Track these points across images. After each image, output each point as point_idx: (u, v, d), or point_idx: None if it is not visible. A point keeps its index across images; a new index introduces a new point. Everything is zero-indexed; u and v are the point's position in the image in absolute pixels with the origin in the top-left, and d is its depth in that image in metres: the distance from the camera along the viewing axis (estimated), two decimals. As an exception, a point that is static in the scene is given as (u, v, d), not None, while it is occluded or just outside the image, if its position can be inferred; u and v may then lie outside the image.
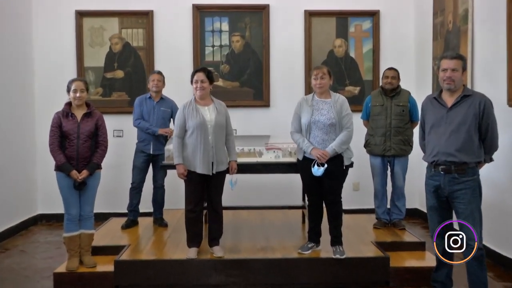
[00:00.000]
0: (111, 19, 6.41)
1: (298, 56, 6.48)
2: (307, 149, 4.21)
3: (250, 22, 6.48)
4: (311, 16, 6.46)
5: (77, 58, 6.37)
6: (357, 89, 6.52)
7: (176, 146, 4.28)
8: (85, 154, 4.22)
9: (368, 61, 6.52)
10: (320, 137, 4.20)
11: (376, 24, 6.48)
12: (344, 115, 4.21)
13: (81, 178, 4.17)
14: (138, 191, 5.38)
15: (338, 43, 6.51)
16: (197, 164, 4.22)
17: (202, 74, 4.29)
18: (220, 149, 4.31)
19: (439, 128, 3.52)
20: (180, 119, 4.30)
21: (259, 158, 4.79)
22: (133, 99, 5.85)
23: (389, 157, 5.12)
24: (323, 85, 4.24)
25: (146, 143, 5.31)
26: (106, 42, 6.42)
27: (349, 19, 6.51)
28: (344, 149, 4.19)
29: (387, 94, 5.14)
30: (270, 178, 5.90)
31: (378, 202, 5.27)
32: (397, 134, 5.06)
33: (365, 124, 5.40)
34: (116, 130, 6.34)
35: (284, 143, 4.90)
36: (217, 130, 4.28)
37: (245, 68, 6.49)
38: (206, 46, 6.47)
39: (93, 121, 4.28)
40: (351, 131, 4.22)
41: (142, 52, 6.46)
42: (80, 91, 4.19)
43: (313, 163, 4.18)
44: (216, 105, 4.37)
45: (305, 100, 4.36)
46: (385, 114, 5.08)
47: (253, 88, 6.49)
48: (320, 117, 4.19)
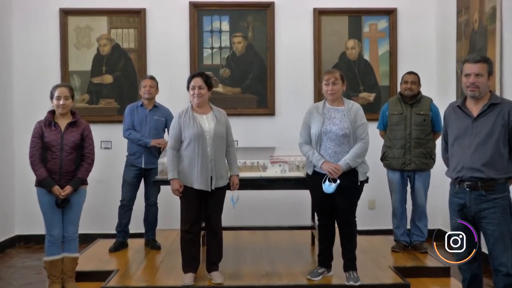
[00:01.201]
0: (99, 18, 6.44)
1: (307, 59, 6.49)
2: (318, 162, 4.20)
3: (253, 21, 6.51)
4: (320, 14, 6.48)
5: (61, 62, 6.39)
6: (372, 95, 6.53)
7: (170, 159, 4.28)
8: (69, 168, 4.22)
9: (385, 65, 6.53)
10: (332, 149, 4.20)
11: (393, 24, 6.49)
12: (358, 125, 4.21)
13: (64, 195, 4.16)
14: (128, 210, 5.38)
15: (351, 45, 6.53)
16: (194, 179, 4.22)
17: (199, 80, 4.30)
18: (219, 163, 4.31)
19: (463, 140, 3.51)
20: (175, 129, 4.31)
21: (263, 172, 4.78)
22: (123, 107, 5.86)
23: (409, 171, 5.12)
24: (335, 92, 4.25)
25: (137, 156, 5.32)
26: (94, 44, 6.44)
27: (363, 18, 6.53)
28: (358, 162, 4.19)
29: (407, 102, 5.14)
30: (275, 195, 5.88)
31: (397, 222, 5.25)
32: (418, 146, 5.05)
33: (381, 134, 5.40)
34: (104, 141, 6.35)
35: (291, 156, 4.89)
36: (216, 141, 4.28)
37: (248, 72, 6.51)
38: (204, 48, 6.50)
39: (78, 131, 4.28)
40: (366, 143, 4.22)
41: (133, 55, 6.48)
42: (64, 98, 4.20)
43: (324, 179, 4.17)
44: (216, 113, 4.38)
45: (315, 108, 4.37)
46: (404, 123, 5.08)
47: (256, 94, 6.50)
48: (332, 127, 4.20)
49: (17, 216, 6.45)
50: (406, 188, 5.23)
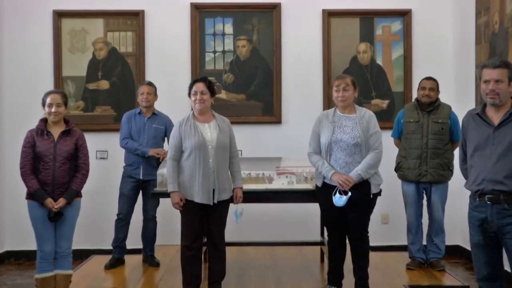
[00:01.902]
0: (95, 20, 6.47)
1: (316, 63, 6.50)
2: (327, 173, 4.20)
3: (258, 24, 6.53)
4: (330, 16, 6.49)
5: (55, 66, 6.41)
6: (385, 102, 6.52)
7: (170, 170, 4.28)
8: (62, 180, 4.22)
9: (399, 69, 6.53)
10: (343, 159, 4.20)
11: (408, 26, 6.49)
12: (371, 134, 4.21)
13: (57, 208, 4.16)
14: (125, 224, 5.37)
15: (363, 48, 6.53)
16: (195, 192, 4.21)
17: (202, 85, 4.31)
18: (222, 174, 4.30)
19: (484, 151, 3.49)
20: (176, 138, 4.31)
21: (269, 184, 4.78)
22: (120, 114, 5.87)
23: (425, 183, 5.10)
24: (347, 98, 4.26)
25: (135, 167, 5.32)
26: (89, 48, 6.47)
27: (376, 20, 6.53)
28: (371, 174, 4.19)
29: (424, 109, 5.14)
30: (282, 209, 5.87)
31: (412, 238, 5.22)
32: (435, 156, 5.04)
33: (396, 143, 5.39)
34: (99, 151, 6.36)
35: (299, 166, 4.88)
36: (219, 152, 4.28)
37: (253, 78, 6.51)
38: (207, 52, 6.51)
39: (72, 140, 4.29)
40: (379, 153, 4.22)
41: (131, 59, 6.50)
42: (56, 106, 4.20)
43: (334, 191, 4.17)
44: (218, 121, 4.38)
45: (325, 115, 4.38)
46: (421, 132, 5.07)
47: (262, 101, 6.51)
48: (342, 136, 4.20)
49: (7, 230, 6.45)
50: (422, 201, 5.20)
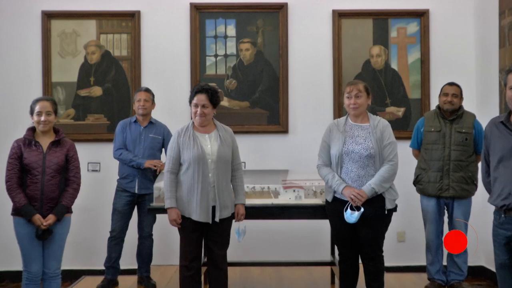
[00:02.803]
0: (87, 21, 6.49)
1: (325, 68, 6.50)
2: (338, 187, 4.20)
3: (263, 26, 6.54)
4: (341, 17, 6.50)
5: (43, 71, 6.42)
6: (401, 110, 6.51)
7: (167, 184, 4.28)
8: (52, 194, 4.22)
9: (415, 74, 6.52)
10: (355, 172, 4.20)
11: (425, 27, 6.50)
12: (386, 144, 4.22)
13: (46, 225, 4.16)
14: (119, 242, 5.37)
15: (376, 52, 6.54)
16: (193, 209, 4.22)
17: (204, 97, 4.31)
18: (223, 190, 4.30)
19: (509, 162, 3.49)
20: (174, 149, 4.32)
21: (274, 199, 4.78)
22: (114, 123, 5.89)
23: (447, 198, 5.09)
24: (359, 106, 4.27)
25: (130, 180, 5.32)
26: (80, 51, 6.49)
27: (390, 21, 6.54)
28: (386, 188, 4.19)
29: (446, 117, 5.13)
30: (289, 226, 5.85)
31: (432, 258, 5.21)
32: (458, 169, 5.03)
33: (415, 154, 5.38)
34: (91, 163, 6.36)
35: (307, 180, 4.89)
36: (220, 165, 4.28)
37: (257, 83, 6.52)
38: (207, 56, 6.53)
39: (62, 151, 4.30)
40: (395, 165, 4.22)
41: (126, 64, 6.52)
42: (46, 114, 4.22)
43: (345, 207, 4.17)
44: (220, 132, 4.39)
45: (336, 124, 4.38)
46: (443, 142, 5.07)
47: (267, 109, 6.51)
48: (355, 147, 4.20)
49: (-9, 249, 6.45)
50: (443, 217, 5.18)
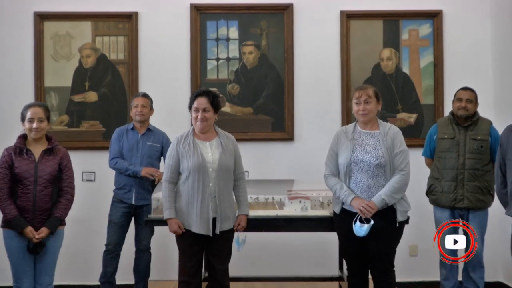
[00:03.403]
0: (82, 23, 6.49)
1: (333, 72, 6.49)
2: (347, 199, 4.19)
3: (268, 28, 6.54)
4: (349, 18, 6.50)
5: (35, 76, 6.41)
6: (413, 116, 6.50)
7: (166, 194, 4.29)
8: (44, 205, 4.22)
9: (428, 79, 6.51)
10: (365, 182, 4.20)
11: (439, 29, 6.48)
12: (397, 152, 4.21)
13: (38, 238, 4.15)
14: (115, 256, 5.36)
15: (387, 55, 6.53)
16: (193, 220, 4.22)
17: (205, 101, 4.31)
18: (225, 201, 4.30)
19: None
20: (173, 158, 4.32)
21: (279, 210, 4.78)
22: (110, 130, 5.88)
23: (462, 210, 5.08)
24: (369, 112, 4.27)
25: (127, 190, 5.32)
26: (75, 54, 6.49)
27: (401, 23, 6.53)
28: (397, 199, 4.18)
29: (460, 124, 5.13)
30: (294, 239, 5.84)
31: (446, 273, 5.20)
32: (473, 178, 5.02)
33: (428, 163, 5.38)
34: (86, 172, 6.35)
35: (314, 190, 4.88)
36: (221, 175, 4.28)
37: (261, 88, 6.51)
38: (209, 59, 6.52)
39: (55, 160, 4.30)
40: (406, 175, 4.21)
41: (123, 68, 6.51)
42: (38, 120, 4.22)
43: (354, 219, 4.16)
44: (222, 139, 4.39)
45: (344, 132, 4.38)
46: (457, 150, 5.06)
47: (271, 115, 6.50)
48: (364, 155, 4.20)
49: (-20, 263, 6.44)
50: (457, 230, 5.16)
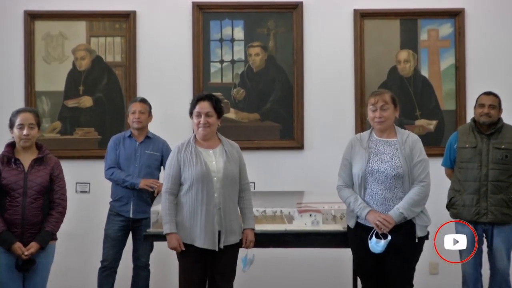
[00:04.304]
0: (76, 23, 6.51)
1: (346, 75, 6.48)
2: (362, 212, 4.19)
3: (275, 28, 6.54)
4: (363, 17, 6.49)
5: (26, 79, 6.42)
6: (433, 123, 6.48)
7: (166, 207, 4.28)
8: (34, 219, 4.21)
9: (449, 83, 6.49)
10: (381, 194, 4.19)
11: (460, 29, 6.47)
12: (416, 162, 4.20)
13: (27, 254, 4.15)
14: (111, 273, 5.36)
15: (404, 57, 6.52)
16: (197, 234, 4.21)
17: (207, 105, 4.32)
18: (230, 213, 4.30)
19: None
20: (173, 167, 4.31)
21: (288, 224, 4.76)
22: (106, 138, 5.88)
23: (485, 224, 5.05)
24: (385, 119, 4.27)
25: (124, 203, 5.31)
26: (68, 56, 6.50)
27: (420, 22, 6.52)
28: (416, 212, 4.17)
29: (483, 131, 5.11)
30: (305, 255, 5.81)
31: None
32: (497, 191, 5.00)
33: (448, 174, 5.36)
34: (80, 183, 6.35)
35: (325, 203, 4.87)
36: (226, 185, 4.28)
37: (268, 93, 6.51)
38: (212, 62, 6.52)
39: (46, 170, 4.29)
40: (426, 186, 4.20)
41: (120, 71, 6.52)
42: (28, 127, 4.21)
43: (370, 234, 4.15)
44: (226, 147, 4.39)
45: (359, 140, 4.38)
46: (479, 160, 5.04)
47: (279, 122, 6.49)
48: (380, 165, 4.19)
49: (-35, 281, 6.44)
50: (481, 246, 5.14)
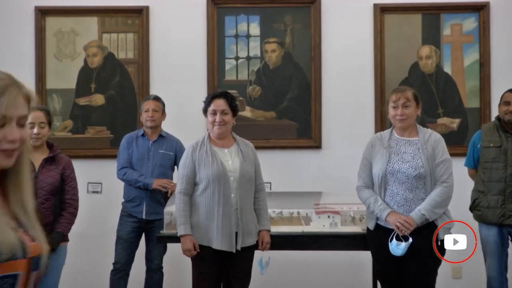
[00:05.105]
0: (87, 19, 6.53)
1: (365, 72, 6.47)
2: (382, 213, 4.18)
3: (292, 23, 6.53)
4: (384, 12, 6.47)
5: (36, 77, 6.46)
6: (456, 121, 6.45)
7: (181, 208, 4.28)
8: (45, 219, 4.23)
9: (473, 80, 6.46)
10: (402, 195, 4.19)
11: (485, 23, 6.43)
12: (438, 162, 4.19)
13: (38, 256, 4.17)
14: (124, 276, 5.38)
15: (426, 53, 6.49)
16: (213, 235, 4.21)
17: (223, 103, 4.33)
18: (247, 214, 4.31)
19: None
20: (188, 167, 4.32)
21: (305, 226, 4.78)
22: (118, 137, 5.90)
23: (511, 227, 5.02)
24: (407, 117, 4.26)
25: (137, 203, 5.33)
26: (80, 53, 6.52)
27: (443, 17, 6.49)
28: (438, 214, 4.16)
29: (508, 130, 5.09)
30: (323, 258, 5.81)
31: (494, 297, 5.14)
32: (524, 191, 4.98)
33: (471, 174, 5.34)
34: (92, 183, 6.38)
35: (344, 204, 4.89)
36: (243, 185, 4.29)
37: (285, 90, 6.50)
38: (227, 58, 6.53)
39: (57, 170, 4.32)
40: (449, 187, 4.19)
41: (132, 68, 6.54)
42: (38, 126, 4.25)
43: (390, 236, 4.14)
44: (241, 146, 4.40)
45: (379, 139, 4.37)
46: (504, 160, 5.01)
47: (296, 120, 6.49)
48: (401, 165, 4.19)
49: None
50: (506, 249, 5.13)
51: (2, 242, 1.66)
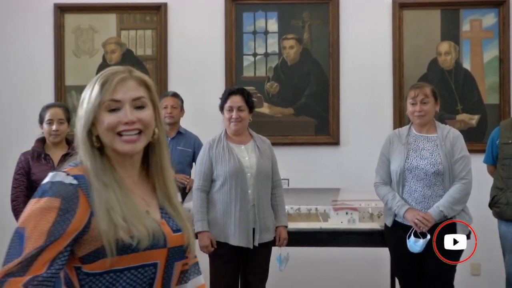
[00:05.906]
0: (106, 16, 6.56)
1: (384, 68, 6.45)
2: (400, 210, 4.17)
3: (311, 19, 6.52)
4: (402, 8, 6.45)
5: (56, 74, 6.49)
6: (475, 118, 6.41)
7: (198, 204, 4.30)
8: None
9: (493, 76, 6.42)
10: (420, 192, 4.18)
11: (505, 19, 6.39)
12: (457, 159, 4.18)
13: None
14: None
15: (445, 49, 6.46)
16: (231, 232, 4.22)
17: (239, 99, 4.34)
18: (264, 210, 4.32)
19: None
20: (205, 164, 4.34)
21: (323, 223, 4.76)
22: (136, 133, 5.92)
23: (530, 224, 4.98)
24: (426, 113, 4.25)
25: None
26: (98, 50, 6.55)
27: (462, 12, 6.46)
28: (457, 211, 4.15)
29: (527, 126, 5.06)
30: (340, 254, 5.80)
31: (513, 295, 5.11)
32: (544, 189, 4.94)
33: (490, 171, 5.29)
34: (110, 179, 6.39)
35: (362, 200, 4.88)
36: (260, 181, 4.30)
37: (303, 87, 6.50)
38: (245, 55, 6.53)
39: (76, 166, 4.33)
40: (468, 184, 4.18)
41: (151, 65, 6.57)
42: (58, 122, 4.27)
43: (408, 233, 4.14)
44: (258, 143, 4.41)
45: (397, 135, 4.37)
46: (524, 157, 4.97)
47: (314, 117, 6.48)
48: (419, 162, 4.18)
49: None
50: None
51: (142, 232, 1.72)
